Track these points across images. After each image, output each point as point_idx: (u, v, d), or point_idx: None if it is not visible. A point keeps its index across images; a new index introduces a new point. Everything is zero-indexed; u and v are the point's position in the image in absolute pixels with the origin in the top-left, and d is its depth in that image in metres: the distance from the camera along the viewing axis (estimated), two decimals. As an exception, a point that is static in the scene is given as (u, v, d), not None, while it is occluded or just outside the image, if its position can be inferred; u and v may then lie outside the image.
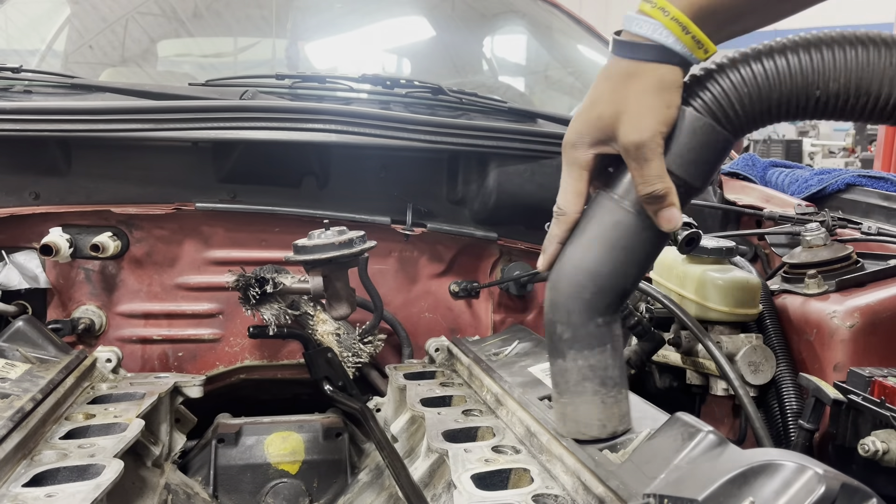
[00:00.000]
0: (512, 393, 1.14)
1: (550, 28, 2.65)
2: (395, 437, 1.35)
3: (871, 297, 1.21)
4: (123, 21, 2.23)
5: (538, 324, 1.78)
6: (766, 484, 0.67)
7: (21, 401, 1.06)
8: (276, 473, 1.41)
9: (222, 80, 1.69)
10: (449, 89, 1.73)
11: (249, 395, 1.76)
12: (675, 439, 0.81)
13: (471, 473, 0.92)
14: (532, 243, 1.71)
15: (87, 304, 1.57)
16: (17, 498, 0.86)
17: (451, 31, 2.61)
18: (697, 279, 1.27)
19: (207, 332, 1.61)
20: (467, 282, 1.72)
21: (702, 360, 1.26)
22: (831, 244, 1.34)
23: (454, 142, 1.54)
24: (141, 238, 1.57)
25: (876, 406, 0.98)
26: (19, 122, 1.41)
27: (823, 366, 1.20)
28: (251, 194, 1.58)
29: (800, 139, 10.57)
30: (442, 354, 1.57)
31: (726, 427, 1.34)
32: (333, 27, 2.47)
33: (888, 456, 0.94)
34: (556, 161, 1.59)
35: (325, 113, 1.49)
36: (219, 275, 1.58)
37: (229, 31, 2.46)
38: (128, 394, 1.28)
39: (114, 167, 1.53)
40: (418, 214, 1.64)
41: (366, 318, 1.57)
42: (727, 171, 1.87)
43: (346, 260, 1.31)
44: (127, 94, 1.56)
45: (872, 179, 1.65)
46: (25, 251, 1.54)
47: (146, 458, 1.26)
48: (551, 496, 0.87)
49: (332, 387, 1.49)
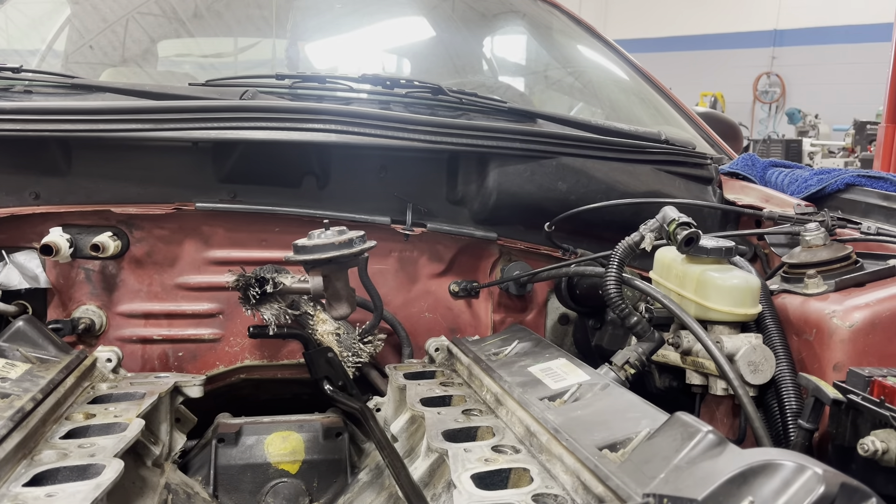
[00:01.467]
0: (512, 393, 1.14)
1: (550, 28, 2.66)
2: (395, 437, 1.35)
3: (870, 296, 1.21)
4: (124, 21, 2.24)
5: (538, 324, 1.78)
6: (766, 484, 0.67)
7: (21, 400, 1.06)
8: (276, 473, 1.41)
9: (222, 81, 1.70)
10: (449, 89, 1.73)
11: (249, 394, 1.76)
12: (675, 439, 0.81)
13: (471, 473, 0.92)
14: (532, 243, 1.71)
15: (88, 303, 1.57)
16: (17, 498, 0.86)
17: (451, 31, 2.62)
18: (697, 279, 1.27)
19: (207, 332, 1.61)
20: (467, 281, 1.72)
21: (701, 360, 1.26)
22: (831, 244, 1.34)
23: (454, 142, 1.54)
24: (141, 238, 1.57)
25: (875, 406, 0.98)
26: (19, 122, 1.41)
27: (823, 365, 1.20)
28: (251, 194, 1.59)
29: (799, 139, 10.57)
30: (442, 354, 1.58)
31: (726, 427, 1.34)
32: (333, 27, 2.47)
33: (887, 456, 0.94)
34: (556, 161, 1.63)
35: (325, 113, 1.49)
36: (219, 275, 1.58)
37: (229, 32, 2.46)
38: (128, 394, 1.28)
39: (114, 167, 1.53)
40: (418, 214, 1.65)
41: (366, 318, 1.57)
42: (727, 170, 1.87)
43: (346, 260, 1.31)
44: (127, 94, 1.57)
45: (872, 179, 1.65)
46: (25, 251, 1.54)
47: (146, 457, 1.26)
48: (551, 496, 0.88)
49: (332, 387, 1.49)
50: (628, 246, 1.27)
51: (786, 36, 13.63)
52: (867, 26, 12.18)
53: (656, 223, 1.26)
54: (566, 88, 2.62)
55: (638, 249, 1.27)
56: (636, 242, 1.27)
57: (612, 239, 1.34)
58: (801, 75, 13.66)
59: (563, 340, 1.79)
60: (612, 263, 1.26)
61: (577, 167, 1.64)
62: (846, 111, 11.74)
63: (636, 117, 2.34)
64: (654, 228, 1.26)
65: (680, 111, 2.36)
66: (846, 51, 12.79)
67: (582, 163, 1.65)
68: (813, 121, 11.63)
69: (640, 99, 2.41)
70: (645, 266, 1.50)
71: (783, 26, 13.60)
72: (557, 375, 1.19)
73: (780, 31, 13.68)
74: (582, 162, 1.65)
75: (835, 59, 13.01)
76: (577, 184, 1.64)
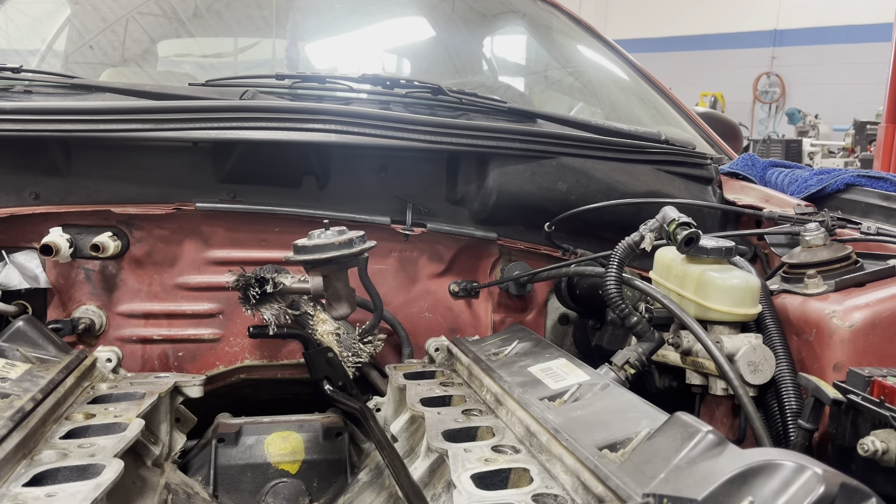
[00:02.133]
0: (512, 392, 1.14)
1: (550, 28, 2.66)
2: (395, 437, 1.35)
3: (870, 296, 1.21)
4: (123, 21, 2.24)
5: (538, 323, 1.78)
6: (766, 484, 0.67)
7: (21, 400, 1.06)
8: (276, 473, 1.41)
9: (222, 81, 1.70)
10: (449, 89, 1.73)
11: (249, 394, 1.76)
12: (675, 439, 0.81)
13: (470, 473, 0.92)
14: (532, 243, 1.71)
15: (88, 303, 1.57)
16: (17, 498, 0.86)
17: (451, 31, 2.62)
18: (697, 279, 1.27)
19: (207, 332, 1.61)
20: (467, 281, 1.72)
21: (701, 360, 1.26)
22: (831, 244, 1.34)
23: (454, 142, 1.54)
24: (141, 238, 1.57)
25: (875, 406, 0.98)
26: (19, 122, 1.41)
27: (823, 366, 1.20)
28: (251, 194, 1.59)
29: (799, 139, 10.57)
30: (442, 354, 1.58)
31: (726, 427, 1.34)
32: (333, 27, 2.47)
33: (887, 456, 0.94)
34: (556, 161, 1.63)
35: (324, 113, 1.49)
36: (219, 275, 1.58)
37: (229, 32, 2.46)
38: (128, 393, 1.28)
39: (114, 167, 1.53)
40: (418, 214, 1.65)
41: (366, 318, 1.57)
42: (727, 170, 1.87)
43: (345, 260, 1.31)
44: (127, 94, 1.57)
45: (872, 179, 1.65)
46: (25, 251, 1.54)
47: (146, 457, 1.26)
48: (551, 496, 0.87)
49: (332, 387, 1.49)
50: (628, 246, 1.27)
51: (786, 36, 13.64)
52: (867, 26, 12.18)
53: (656, 223, 1.26)
54: (566, 88, 2.62)
55: (638, 249, 1.27)
56: (636, 242, 1.27)
57: (612, 239, 1.34)
58: (801, 75, 13.67)
59: (563, 340, 1.79)
60: (612, 263, 1.26)
61: (577, 167, 1.64)
62: (846, 111, 11.74)
63: (636, 117, 2.34)
64: (654, 228, 1.26)
65: (680, 111, 2.36)
66: (846, 51, 12.79)
67: (582, 163, 1.65)
68: (813, 121, 11.63)
69: (640, 99, 2.41)
70: (645, 266, 1.50)
71: (783, 26, 13.61)
72: (557, 375, 1.19)
73: (780, 31, 13.68)
74: (582, 162, 1.65)
75: (835, 59, 13.01)
76: (577, 184, 1.64)
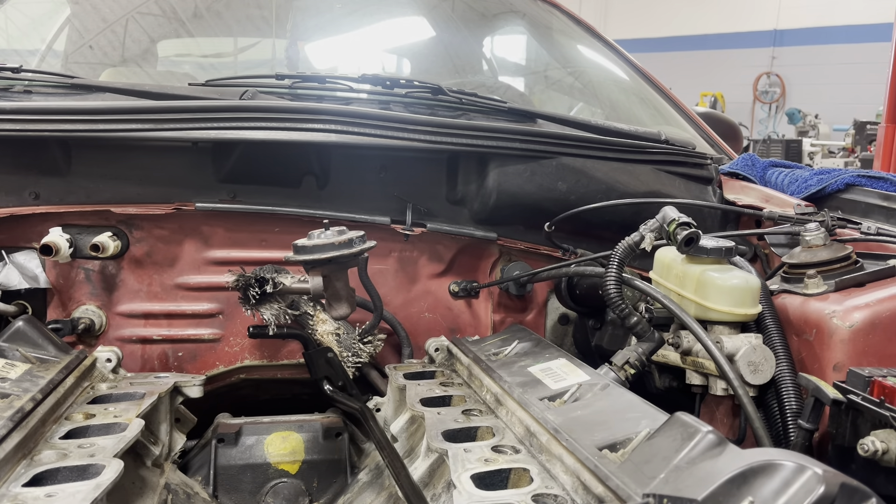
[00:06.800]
0: (511, 393, 1.14)
1: (550, 28, 2.66)
2: (395, 437, 1.35)
3: (870, 297, 1.21)
4: (123, 21, 2.24)
5: (538, 324, 1.78)
6: (766, 484, 0.67)
7: (21, 401, 1.06)
8: (275, 473, 1.41)
9: (222, 81, 1.70)
10: (449, 89, 1.73)
11: (249, 394, 1.76)
12: (675, 439, 0.81)
13: (470, 473, 0.92)
14: (532, 243, 1.71)
15: (87, 303, 1.57)
16: (17, 498, 0.86)
17: (451, 31, 2.62)
18: (697, 279, 1.27)
19: (207, 332, 1.61)
20: (467, 282, 1.72)
21: (701, 360, 1.26)
22: (831, 244, 1.34)
23: (454, 142, 1.54)
24: (141, 238, 1.57)
25: (875, 406, 0.98)
26: (19, 122, 1.41)
27: (823, 366, 1.20)
28: (251, 194, 1.59)
29: (799, 139, 10.57)
30: (442, 354, 1.57)
31: (726, 427, 1.34)
32: (333, 27, 2.47)
33: (887, 456, 0.94)
34: (556, 161, 1.63)
35: (324, 113, 1.49)
36: (219, 275, 1.58)
37: (229, 32, 2.46)
38: (128, 394, 1.28)
39: (114, 167, 1.53)
40: (418, 214, 1.65)
41: (366, 318, 1.57)
42: (727, 170, 1.87)
43: (345, 260, 1.31)
44: (127, 94, 1.57)
45: (872, 179, 1.65)
46: (25, 251, 1.54)
47: (146, 457, 1.26)
48: (551, 496, 0.87)
49: (332, 387, 1.49)
50: (628, 246, 1.27)
51: (786, 36, 13.64)
52: (867, 26, 12.18)
53: (656, 223, 1.26)
54: (566, 88, 2.62)
55: (638, 249, 1.27)
56: (636, 242, 1.27)
57: (612, 239, 1.34)
58: (801, 75, 13.67)
59: (563, 340, 1.79)
60: (612, 263, 1.26)
61: (577, 167, 1.64)
62: (846, 111, 11.74)
63: (636, 117, 2.34)
64: (654, 228, 1.26)
65: (680, 111, 2.36)
66: (846, 51, 12.79)
67: (582, 163, 1.65)
68: (813, 121, 11.63)
69: (640, 99, 2.41)
70: (645, 266, 1.50)
71: (783, 26, 13.61)
72: (557, 375, 1.19)
73: (780, 31, 13.68)
74: (582, 162, 1.65)
75: (835, 59, 13.01)
76: (577, 184, 1.64)
